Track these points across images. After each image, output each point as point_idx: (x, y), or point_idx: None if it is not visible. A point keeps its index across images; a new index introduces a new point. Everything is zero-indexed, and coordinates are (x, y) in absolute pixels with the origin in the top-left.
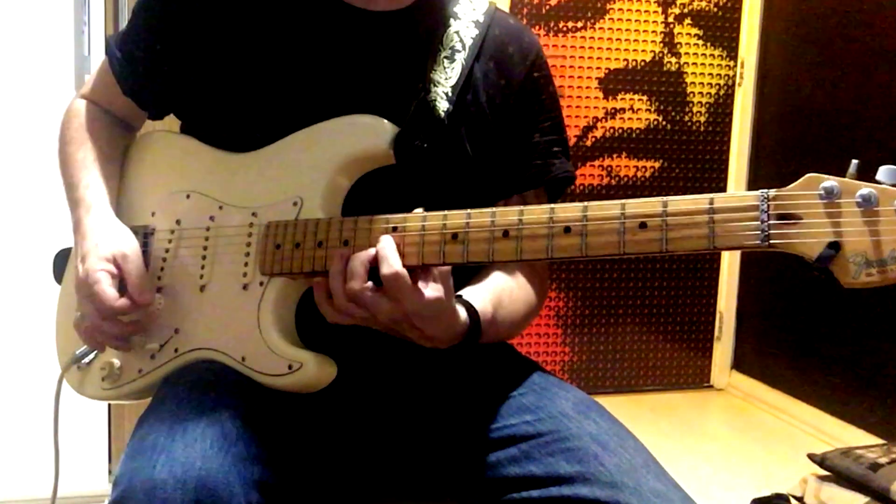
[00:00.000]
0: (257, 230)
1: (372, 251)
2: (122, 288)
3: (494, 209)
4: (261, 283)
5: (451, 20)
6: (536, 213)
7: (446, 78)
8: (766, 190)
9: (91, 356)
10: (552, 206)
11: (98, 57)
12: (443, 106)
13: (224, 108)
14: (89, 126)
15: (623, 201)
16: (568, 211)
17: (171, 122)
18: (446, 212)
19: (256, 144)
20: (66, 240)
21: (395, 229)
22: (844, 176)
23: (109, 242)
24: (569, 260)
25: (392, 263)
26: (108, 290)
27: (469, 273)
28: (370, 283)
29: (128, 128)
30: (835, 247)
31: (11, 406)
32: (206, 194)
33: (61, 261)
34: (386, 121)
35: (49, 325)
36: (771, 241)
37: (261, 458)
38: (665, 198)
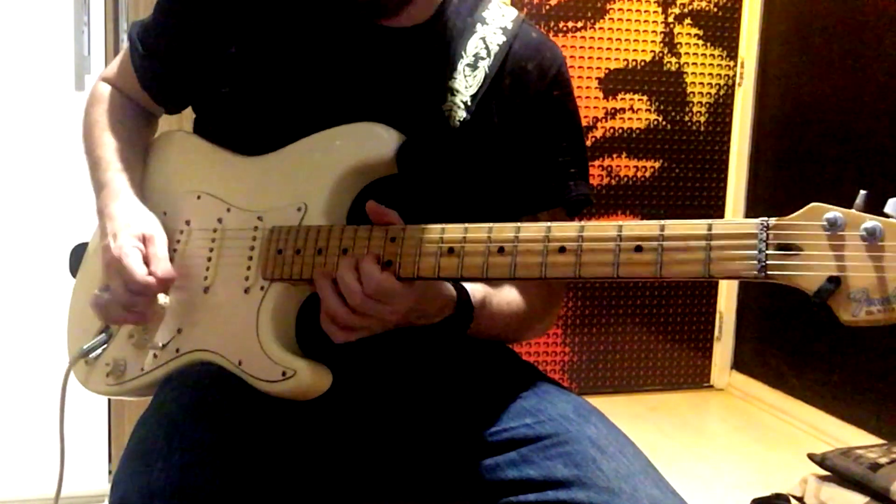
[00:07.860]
0: (261, 234)
1: (356, 262)
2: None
3: (492, 224)
4: (261, 288)
5: (478, 25)
6: (533, 230)
7: (466, 87)
8: (766, 218)
9: (99, 350)
10: (549, 224)
11: (98, 57)
12: (459, 115)
13: (240, 110)
14: (114, 111)
15: (620, 223)
16: (564, 230)
17: (187, 118)
18: (444, 225)
19: (268, 148)
20: (69, 237)
21: (392, 240)
22: (851, 206)
23: (138, 224)
24: (562, 280)
25: (371, 275)
26: (138, 265)
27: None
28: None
29: (149, 116)
30: (835, 281)
31: (12, 408)
32: (216, 196)
33: (77, 255)
34: (392, 129)
35: (51, 328)
36: (768, 273)
37: (259, 465)
38: (663, 221)
